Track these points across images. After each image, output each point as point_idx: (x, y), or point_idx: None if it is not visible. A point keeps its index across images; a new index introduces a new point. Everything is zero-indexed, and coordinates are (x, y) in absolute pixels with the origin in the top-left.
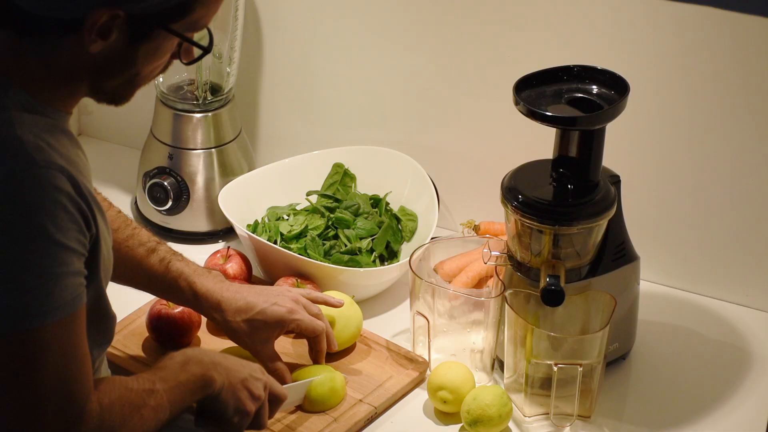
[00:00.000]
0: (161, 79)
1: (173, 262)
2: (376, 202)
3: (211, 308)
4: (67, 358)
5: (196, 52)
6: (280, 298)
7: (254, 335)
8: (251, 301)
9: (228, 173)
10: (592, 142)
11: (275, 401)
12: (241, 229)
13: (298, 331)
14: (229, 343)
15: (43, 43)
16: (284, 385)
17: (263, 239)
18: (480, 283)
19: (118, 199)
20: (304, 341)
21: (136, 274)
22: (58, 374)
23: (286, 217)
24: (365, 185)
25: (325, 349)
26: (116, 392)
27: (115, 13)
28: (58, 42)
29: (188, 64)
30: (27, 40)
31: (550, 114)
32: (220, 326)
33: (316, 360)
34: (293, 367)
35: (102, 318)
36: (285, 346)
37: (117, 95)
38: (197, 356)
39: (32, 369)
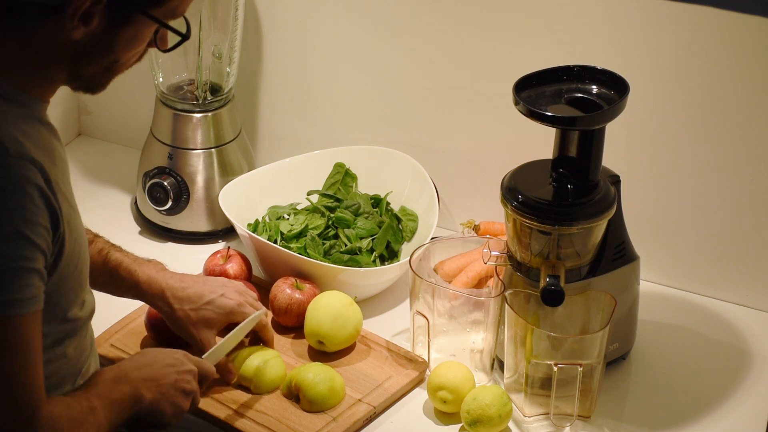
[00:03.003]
0: (161, 79)
1: (111, 252)
2: (376, 201)
3: (154, 296)
4: (22, 357)
5: (173, 40)
6: (226, 290)
7: (201, 325)
8: (199, 291)
9: (228, 173)
10: (592, 142)
11: (204, 379)
12: (241, 228)
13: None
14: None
15: (23, 27)
16: (207, 353)
17: (263, 239)
18: (480, 283)
19: (118, 199)
20: (304, 341)
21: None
22: (11, 371)
23: (286, 216)
24: (365, 185)
25: (273, 336)
26: (61, 407)
27: None
28: (38, 26)
29: (165, 51)
30: (6, 24)
31: (550, 114)
32: (164, 315)
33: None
34: (290, 368)
35: (54, 321)
36: (284, 346)
37: (94, 82)
38: (126, 373)
39: None
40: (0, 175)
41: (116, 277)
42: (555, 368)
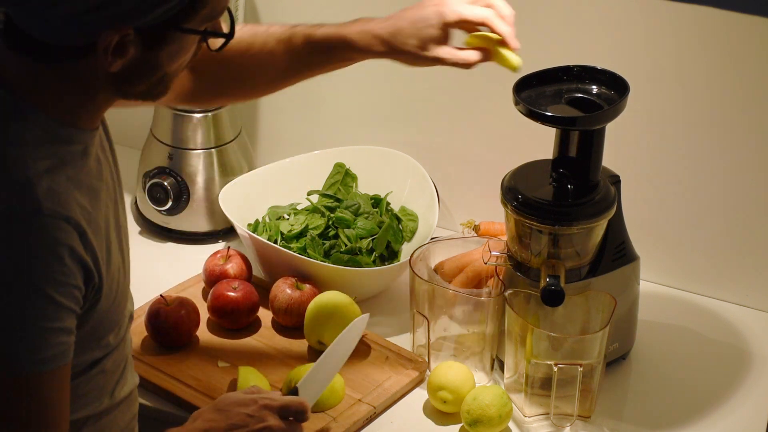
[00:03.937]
0: None
1: (309, 33)
2: (376, 201)
3: (372, 49)
4: (35, 416)
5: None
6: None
7: (431, 50)
8: (409, 17)
9: (228, 173)
10: (592, 142)
11: (298, 416)
12: (241, 228)
13: (464, 22)
14: (234, 344)
15: (59, 67)
16: (299, 381)
17: (263, 239)
18: (480, 283)
19: None
20: (304, 341)
21: (275, 76)
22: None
23: (286, 216)
24: (365, 185)
25: (507, 29)
26: None
27: (125, 32)
28: (75, 65)
29: (217, 51)
30: (45, 66)
31: (550, 114)
32: (396, 59)
33: (505, 43)
34: (290, 368)
35: (94, 349)
36: (284, 345)
37: (151, 95)
38: None
39: None
40: (30, 235)
41: (329, 53)
42: (555, 368)
